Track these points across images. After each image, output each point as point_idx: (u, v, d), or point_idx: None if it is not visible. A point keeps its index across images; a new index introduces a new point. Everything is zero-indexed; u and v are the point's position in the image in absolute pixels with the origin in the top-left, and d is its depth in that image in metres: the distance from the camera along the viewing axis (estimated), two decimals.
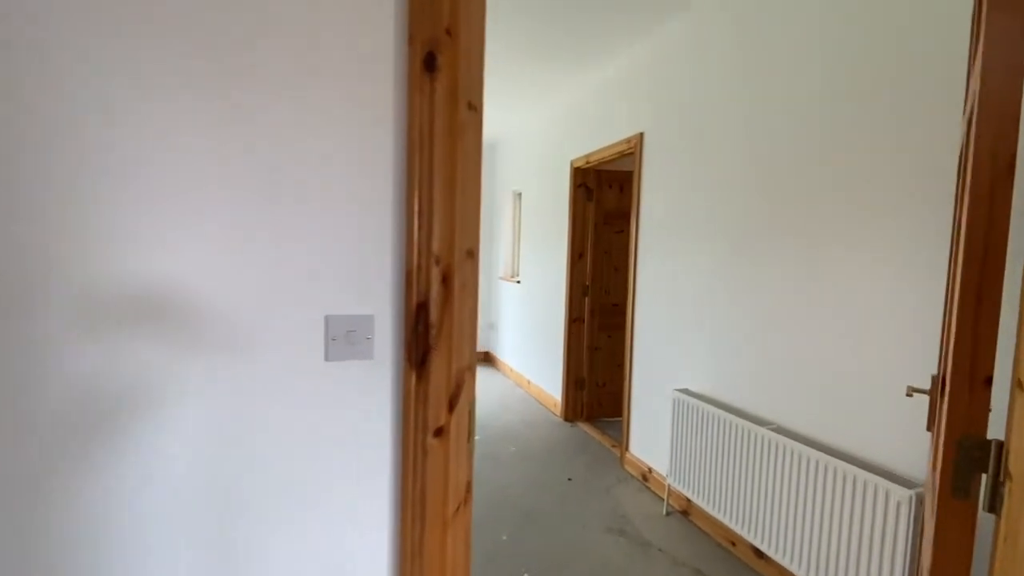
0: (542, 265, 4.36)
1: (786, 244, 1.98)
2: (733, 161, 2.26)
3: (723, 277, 2.31)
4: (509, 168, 5.20)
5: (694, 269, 2.51)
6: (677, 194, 2.65)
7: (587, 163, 3.57)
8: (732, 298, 2.25)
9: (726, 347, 2.29)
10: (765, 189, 2.09)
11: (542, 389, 4.30)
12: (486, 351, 5.82)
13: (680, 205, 2.63)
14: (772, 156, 2.06)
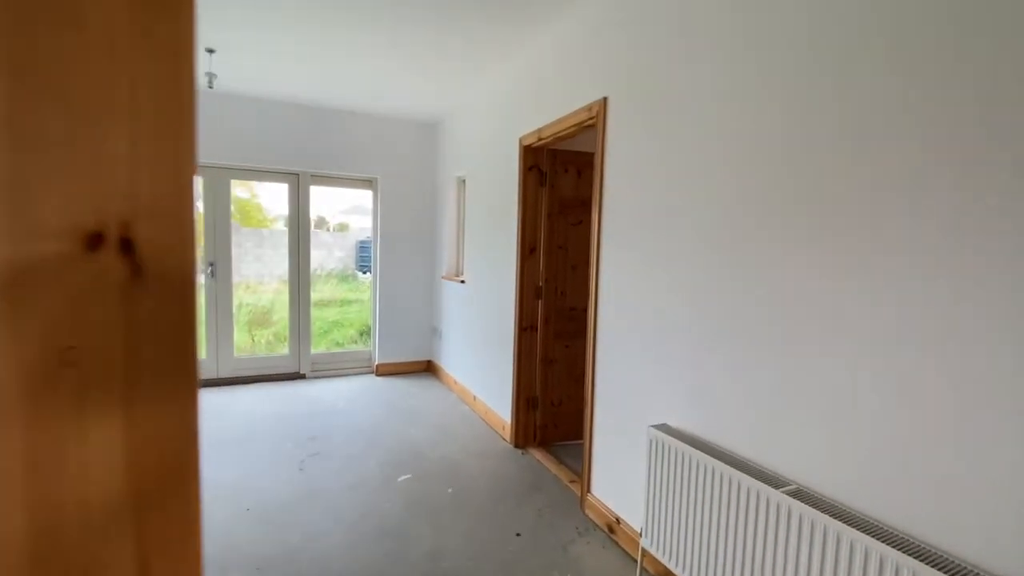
0: (489, 262, 3.73)
1: (813, 236, 1.44)
2: (727, 133, 1.71)
3: (719, 278, 1.75)
4: (452, 150, 4.52)
5: (676, 268, 1.95)
6: (652, 176, 2.08)
7: (539, 140, 2.96)
8: (733, 305, 1.70)
9: (722, 371, 1.74)
10: (774, 168, 1.54)
11: (489, 408, 3.68)
12: (428, 360, 5.13)
13: (656, 190, 2.06)
14: (779, 129, 1.51)
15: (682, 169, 1.92)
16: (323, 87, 3.91)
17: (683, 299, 1.91)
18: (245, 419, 3.59)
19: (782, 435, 1.52)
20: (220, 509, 2.42)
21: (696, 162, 1.85)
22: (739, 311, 1.67)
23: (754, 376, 1.61)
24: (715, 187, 1.77)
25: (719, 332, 1.74)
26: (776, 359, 1.54)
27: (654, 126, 2.06)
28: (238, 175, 4.43)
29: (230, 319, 4.50)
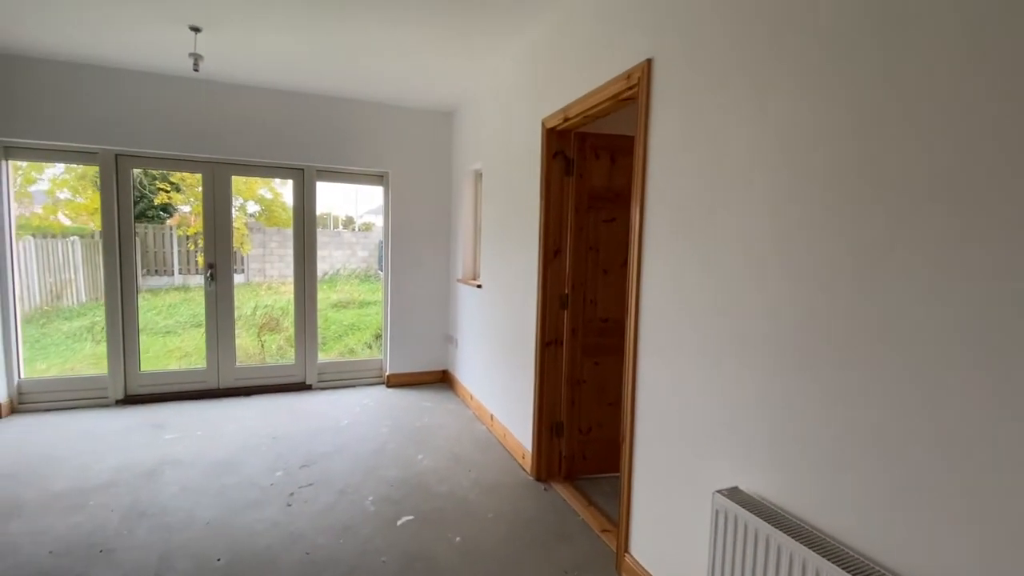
0: (507, 265, 3.28)
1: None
2: (840, 94, 1.21)
3: (819, 283, 1.25)
4: (468, 140, 4.09)
5: (750, 272, 1.45)
6: (717, 157, 1.59)
7: (565, 121, 2.49)
8: (848, 318, 1.20)
9: (827, 411, 1.24)
10: (923, 138, 1.04)
11: (508, 430, 3.23)
12: (443, 370, 4.72)
13: (721, 174, 1.57)
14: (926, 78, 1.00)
15: (765, 145, 1.42)
16: (328, 72, 3.53)
17: (761, 308, 1.41)
18: (237, 440, 3.24)
19: (929, 526, 1.02)
20: (185, 560, 2.04)
21: (788, 134, 1.35)
22: (857, 326, 1.17)
23: (887, 423, 1.11)
24: (820, 164, 1.26)
25: (817, 353, 1.24)
26: (927, 404, 1.04)
27: (722, 90, 1.57)
28: (240, 170, 4.10)
29: (231, 325, 4.18)
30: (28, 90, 3.37)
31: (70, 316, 7.37)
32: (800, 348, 1.29)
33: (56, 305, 7.62)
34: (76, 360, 5.56)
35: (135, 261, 3.91)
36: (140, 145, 3.67)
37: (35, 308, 7.16)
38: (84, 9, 2.64)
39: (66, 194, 8.29)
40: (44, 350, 5.79)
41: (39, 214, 8.53)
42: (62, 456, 2.91)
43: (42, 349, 5.82)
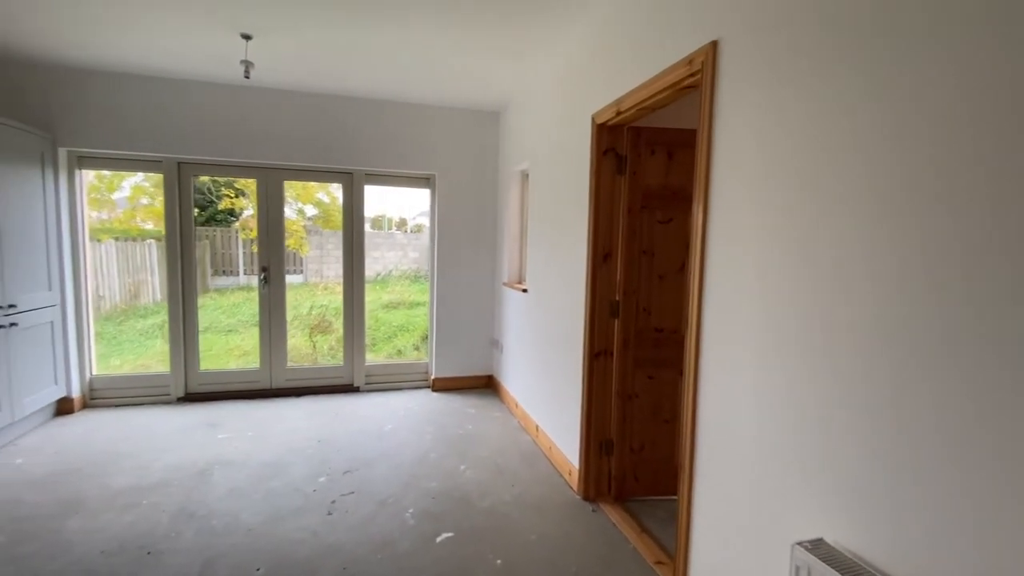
0: (554, 270, 3.12)
1: None
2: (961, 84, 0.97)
3: (971, 310, 1.02)
4: (515, 140, 3.96)
5: (847, 289, 1.22)
6: (796, 150, 1.37)
7: (617, 115, 2.30)
8: (976, 360, 0.96)
9: (950, 448, 1.01)
10: None
11: (554, 443, 3.07)
12: (489, 375, 4.62)
13: (799, 170, 1.35)
14: None
15: (856, 136, 1.19)
16: (375, 75, 3.50)
17: (865, 322, 1.18)
18: (284, 442, 3.27)
19: None
20: (226, 569, 2.03)
21: (883, 122, 1.12)
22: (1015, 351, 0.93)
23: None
24: (931, 158, 1.03)
25: (948, 381, 1.01)
26: None
27: (806, 74, 1.35)
28: (290, 175, 4.17)
29: (283, 327, 4.26)
30: (98, 103, 3.56)
31: (145, 314, 7.88)
32: (925, 373, 1.06)
33: (133, 304, 8.17)
34: (147, 356, 5.91)
35: (196, 264, 4.07)
36: (199, 153, 3.80)
37: (114, 306, 7.71)
38: (147, 25, 2.72)
39: (145, 200, 8.89)
40: (119, 346, 6.20)
41: (120, 219, 9.20)
42: (124, 453, 3.03)
43: (118, 345, 6.23)
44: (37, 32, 2.90)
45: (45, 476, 2.72)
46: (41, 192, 3.34)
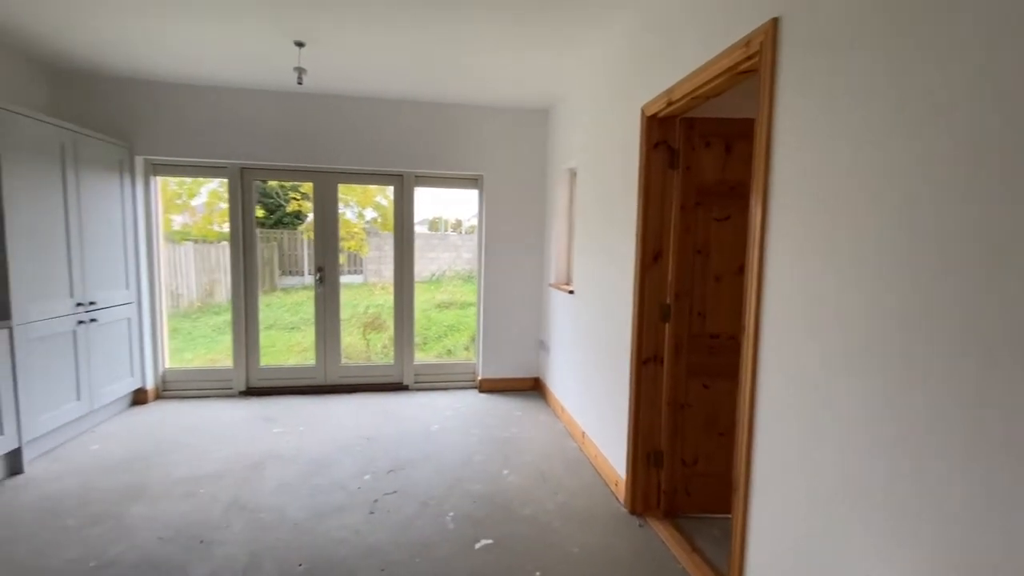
0: (601, 270, 2.99)
1: None
2: None
3: None
4: (562, 138, 3.86)
5: (917, 283, 1.04)
6: (875, 137, 1.19)
7: (668, 105, 2.15)
8: None
9: None
10: None
11: (600, 451, 2.94)
12: (535, 377, 4.53)
13: (877, 162, 1.17)
14: None
15: (939, 114, 1.01)
16: (423, 77, 3.52)
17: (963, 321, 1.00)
18: (334, 439, 3.34)
19: None
20: (271, 563, 2.07)
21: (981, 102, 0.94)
22: None
23: None
24: None
25: None
26: None
27: (880, 52, 1.17)
28: (344, 179, 4.29)
29: (337, 325, 4.39)
30: (169, 113, 3.80)
31: (218, 311, 8.42)
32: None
33: (208, 301, 8.76)
34: (217, 351, 6.29)
35: (258, 264, 4.26)
36: (259, 158, 3.97)
37: (191, 303, 8.29)
38: (211, 38, 2.86)
39: (223, 205, 9.52)
40: (193, 341, 6.64)
41: (199, 223, 9.90)
42: (187, 443, 3.21)
43: (192, 340, 6.68)
44: (115, 50, 3.12)
45: (116, 462, 2.92)
46: (120, 197, 3.61)
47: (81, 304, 3.21)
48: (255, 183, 4.17)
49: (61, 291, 3.05)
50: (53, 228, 2.98)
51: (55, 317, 3.00)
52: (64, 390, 3.08)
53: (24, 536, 2.20)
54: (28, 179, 2.80)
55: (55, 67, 3.49)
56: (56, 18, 2.72)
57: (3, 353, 2.63)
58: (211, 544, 2.17)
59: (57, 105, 3.62)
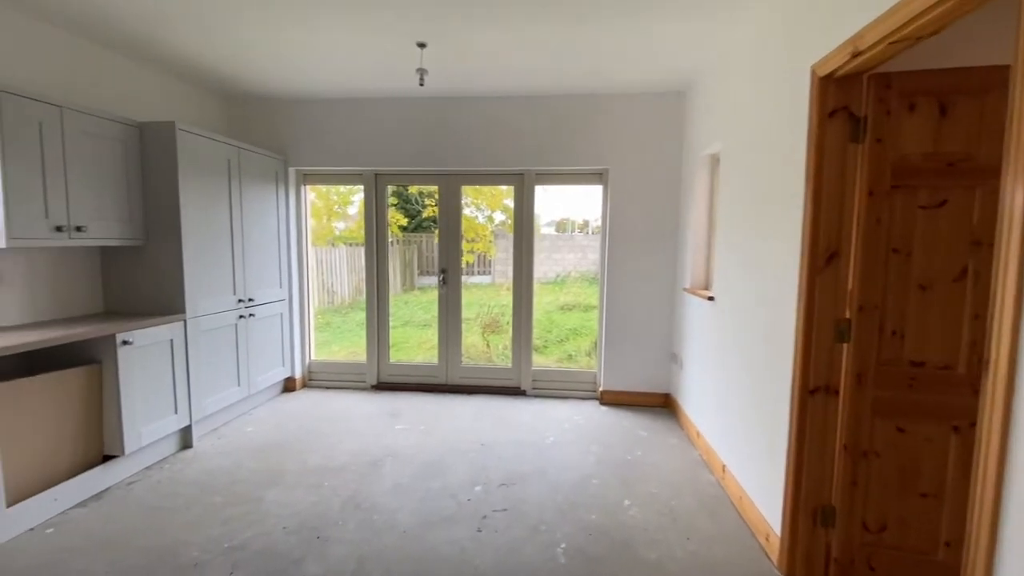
0: (750, 273, 2.48)
1: None
2: None
3: None
4: (703, 121, 3.36)
5: None
6: None
7: (852, 58, 1.63)
8: None
9: None
10: None
11: (745, 492, 2.43)
12: (666, 393, 4.05)
13: None
14: None
15: None
16: (544, 67, 3.31)
17: None
18: (450, 441, 3.30)
19: None
20: (379, 570, 2.02)
21: None
22: None
23: None
24: None
25: None
26: None
27: None
28: (467, 180, 4.28)
29: (459, 326, 4.41)
30: (314, 126, 4.14)
31: (363, 308, 9.22)
32: None
33: (357, 299, 9.65)
34: (359, 345, 6.83)
35: (388, 266, 4.46)
36: (390, 164, 4.13)
37: (342, 301, 9.20)
38: (340, 52, 2.99)
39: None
40: (342, 335, 7.32)
41: (352, 228, 11.01)
42: (322, 432, 3.42)
43: (340, 334, 7.37)
44: (273, 74, 3.45)
45: (264, 445, 3.20)
46: (275, 205, 4.02)
47: (242, 301, 3.61)
48: (388, 188, 4.36)
49: (226, 289, 3.46)
50: (220, 233, 3.38)
51: (220, 312, 3.40)
52: (227, 376, 3.48)
53: (180, 507, 2.46)
54: (201, 191, 3.19)
55: (227, 92, 3.99)
56: (229, 53, 3.07)
57: (178, 343, 3.03)
58: (326, 541, 2.20)
59: (228, 124, 4.15)
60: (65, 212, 2.54)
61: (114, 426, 2.66)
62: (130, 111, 3.21)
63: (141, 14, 2.62)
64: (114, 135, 2.82)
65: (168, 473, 2.82)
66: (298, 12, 2.57)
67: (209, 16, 2.63)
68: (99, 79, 3.05)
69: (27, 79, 2.63)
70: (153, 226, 3.04)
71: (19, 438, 2.26)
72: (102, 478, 2.61)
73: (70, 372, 2.50)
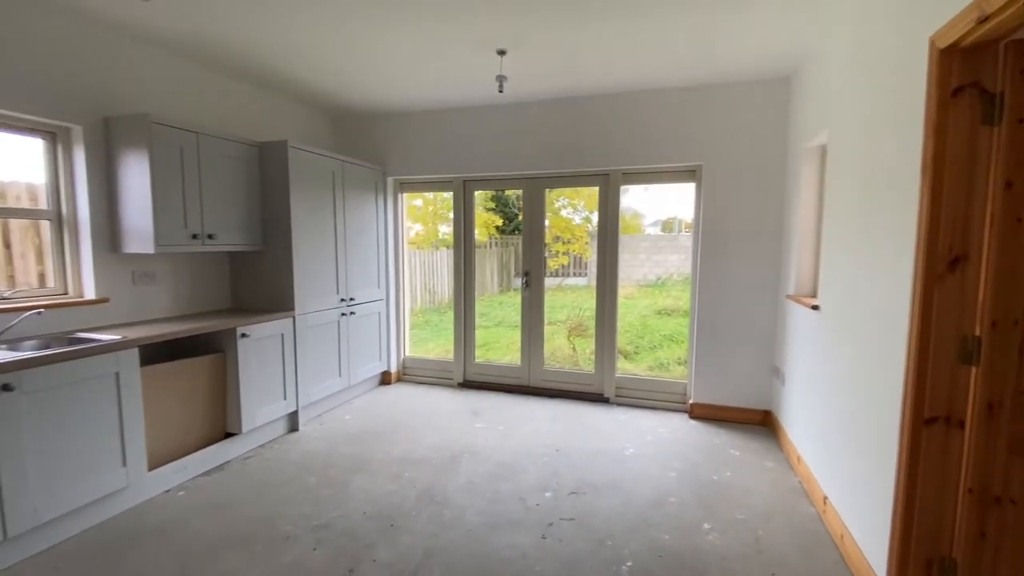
0: (859, 278, 2.16)
1: None
2: None
3: None
4: (808, 108, 3.00)
5: None
6: None
7: (979, 23, 1.35)
8: None
9: None
10: None
11: (848, 532, 2.13)
12: (765, 410, 3.68)
13: None
14: None
15: None
16: (631, 64, 3.20)
17: None
18: (525, 444, 3.31)
19: None
20: (438, 566, 2.09)
21: None
22: None
23: None
24: None
25: None
26: None
27: None
28: (551, 183, 4.27)
29: (541, 329, 4.42)
30: (408, 137, 4.41)
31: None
32: None
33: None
34: (452, 343, 7.14)
35: (475, 269, 4.61)
36: (478, 170, 4.27)
37: (441, 300, 9.67)
38: (435, 64, 3.16)
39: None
40: (438, 333, 7.70)
41: (450, 232, 11.51)
42: (407, 425, 3.63)
43: (437, 332, 7.75)
44: (367, 92, 3.74)
45: (357, 433, 3.47)
46: (374, 212, 4.35)
47: (344, 300, 3.96)
48: (475, 193, 4.50)
49: (330, 289, 3.81)
50: (325, 239, 3.74)
51: (325, 310, 3.76)
52: (329, 368, 3.84)
53: (282, 484, 2.76)
54: (309, 201, 3.56)
55: (333, 110, 4.40)
56: (334, 76, 3.40)
57: (288, 337, 3.41)
58: (399, 530, 2.33)
59: (334, 139, 4.58)
60: (200, 222, 2.99)
61: (234, 407, 3.07)
62: (251, 132, 3.69)
63: (264, 49, 2.99)
64: (239, 155, 3.26)
65: (276, 452, 3.18)
66: (395, 34, 2.76)
67: (320, 49, 2.93)
68: (225, 105, 3.54)
69: (170, 109, 3.14)
70: (269, 233, 3.45)
71: (160, 414, 2.70)
72: (223, 452, 3.02)
73: (201, 359, 2.93)
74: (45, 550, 2.15)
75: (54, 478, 2.14)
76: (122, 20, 2.65)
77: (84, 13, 2.56)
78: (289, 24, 2.65)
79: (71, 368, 2.18)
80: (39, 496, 2.09)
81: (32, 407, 2.06)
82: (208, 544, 2.21)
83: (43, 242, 2.70)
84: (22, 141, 2.58)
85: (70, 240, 2.74)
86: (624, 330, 7.00)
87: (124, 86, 2.87)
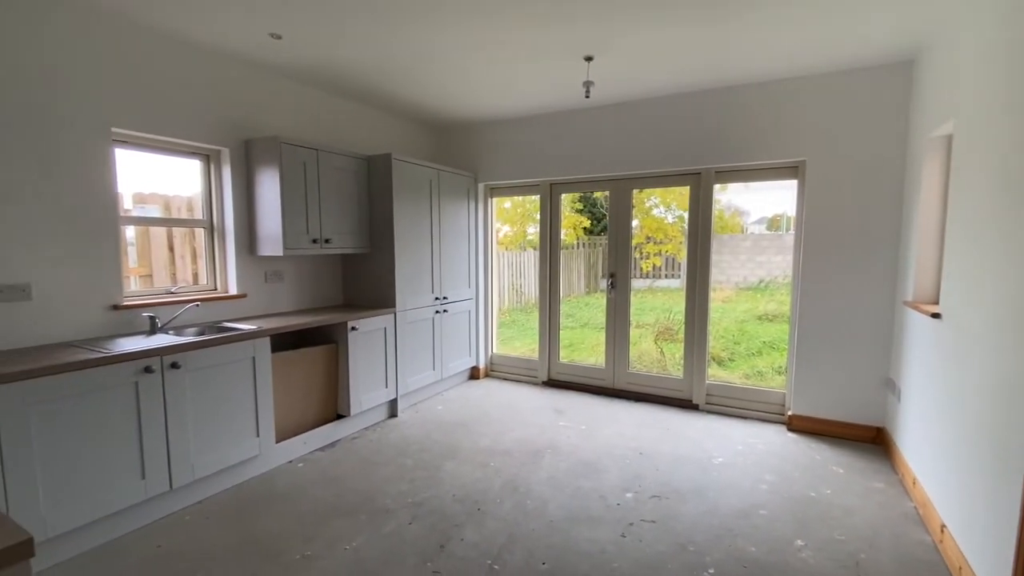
0: (990, 285, 1.94)
1: None
2: None
3: None
4: (931, 95, 2.70)
5: None
6: None
7: None
8: None
9: None
10: None
11: (968, 564, 1.91)
12: (878, 427, 3.36)
13: None
14: None
15: None
16: (725, 58, 3.11)
17: None
18: (608, 444, 3.34)
19: None
20: (519, 552, 2.22)
21: None
22: None
23: None
24: None
25: None
26: None
27: None
28: (638, 183, 4.23)
29: (626, 331, 4.39)
30: (498, 144, 4.60)
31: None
32: None
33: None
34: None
35: (560, 270, 4.70)
36: (564, 173, 4.35)
37: (529, 300, 9.87)
38: (523, 75, 3.31)
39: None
40: (524, 332, 7.89)
41: (537, 233, 11.67)
42: (496, 418, 3.81)
43: (523, 331, 7.94)
44: (461, 104, 3.99)
45: (448, 423, 3.72)
46: (466, 217, 4.61)
47: (438, 298, 4.25)
48: (562, 196, 4.59)
49: (426, 288, 4.12)
50: (422, 241, 4.05)
51: (421, 307, 4.07)
52: (424, 361, 4.15)
53: (383, 463, 3.06)
54: (409, 207, 3.88)
55: (431, 122, 4.73)
56: (433, 92, 3.68)
57: (390, 331, 3.75)
58: (484, 515, 2.49)
59: (432, 149, 4.91)
60: (319, 228, 3.40)
61: (344, 392, 3.44)
62: (358, 146, 4.09)
63: (371, 70, 3.33)
64: (351, 167, 3.65)
65: (378, 435, 3.52)
66: (487, 51, 2.95)
67: (419, 65, 3.21)
68: (336, 122, 3.96)
69: (293, 129, 3.59)
70: (375, 237, 3.82)
71: (286, 394, 3.12)
72: (335, 431, 3.41)
73: (318, 348, 3.34)
74: (198, 502, 2.61)
75: (208, 442, 2.58)
76: (257, 57, 3.11)
77: (229, 54, 3.05)
78: (391, 40, 2.93)
79: (222, 352, 2.62)
80: (196, 456, 2.53)
81: (194, 383, 2.51)
82: (323, 510, 2.54)
83: (198, 246, 3.24)
84: (185, 163, 3.13)
85: (219, 244, 3.27)
86: (720, 335, 6.69)
87: (258, 111, 3.35)
